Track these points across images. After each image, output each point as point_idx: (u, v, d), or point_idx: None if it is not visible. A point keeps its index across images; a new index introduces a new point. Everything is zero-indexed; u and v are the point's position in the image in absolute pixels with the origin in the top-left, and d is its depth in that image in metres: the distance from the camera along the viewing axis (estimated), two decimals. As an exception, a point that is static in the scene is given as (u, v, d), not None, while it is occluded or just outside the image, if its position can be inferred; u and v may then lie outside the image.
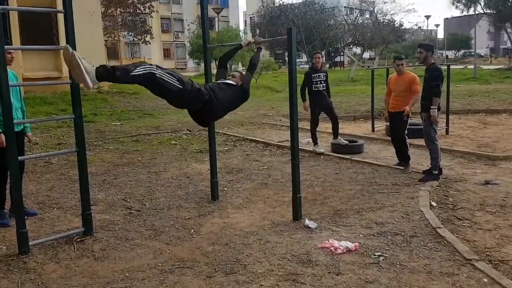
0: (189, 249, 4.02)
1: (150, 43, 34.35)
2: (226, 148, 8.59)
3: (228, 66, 4.93)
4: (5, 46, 3.76)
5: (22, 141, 4.85)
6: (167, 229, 4.53)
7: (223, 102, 4.17)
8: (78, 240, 4.23)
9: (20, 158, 4.04)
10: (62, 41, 14.53)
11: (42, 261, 3.80)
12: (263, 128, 11.18)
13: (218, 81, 4.45)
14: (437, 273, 3.45)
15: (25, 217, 4.06)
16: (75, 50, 3.45)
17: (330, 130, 8.28)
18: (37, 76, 13.85)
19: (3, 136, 4.21)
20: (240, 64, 28.82)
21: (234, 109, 4.51)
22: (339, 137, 8.09)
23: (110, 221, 4.79)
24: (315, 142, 8.11)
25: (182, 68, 49.54)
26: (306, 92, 8.05)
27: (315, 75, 7.91)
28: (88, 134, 9.36)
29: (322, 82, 7.92)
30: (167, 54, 54.41)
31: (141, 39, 31.16)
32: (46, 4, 14.64)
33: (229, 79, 4.47)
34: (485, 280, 3.30)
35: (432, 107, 5.92)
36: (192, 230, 4.49)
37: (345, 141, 8.00)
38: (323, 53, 34.22)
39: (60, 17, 14.79)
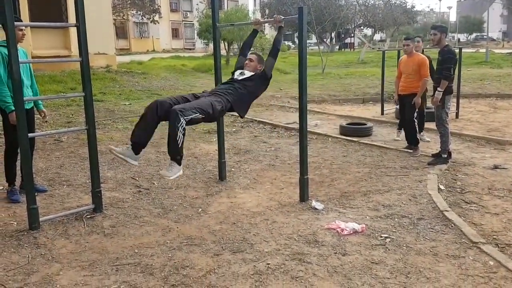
0: (197, 227, 4.07)
1: (158, 23, 34.16)
2: (234, 129, 8.59)
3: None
4: (16, 23, 3.76)
5: (33, 118, 4.89)
6: (175, 208, 4.57)
7: (245, 100, 4.25)
8: (88, 216, 4.29)
9: (30, 135, 4.08)
10: (71, 19, 14.50)
11: (52, 236, 3.87)
12: (271, 109, 11.15)
13: (236, 81, 4.30)
14: (443, 255, 3.46)
15: (35, 194, 4.12)
16: (85, 26, 3.45)
17: (339, 113, 8.17)
18: (46, 54, 13.87)
19: (14, 114, 4.24)
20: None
21: (257, 97, 4.48)
22: (423, 132, 7.38)
23: (119, 198, 4.84)
24: (399, 128, 7.61)
25: (190, 49, 49.26)
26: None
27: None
28: (98, 113, 9.39)
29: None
30: (175, 34, 54.06)
31: (150, 18, 30.98)
32: (55, -19, 14.58)
33: (246, 69, 4.39)
34: (491, 263, 3.31)
35: (438, 89, 5.85)
36: (200, 209, 4.53)
37: (427, 139, 7.41)
38: (332, 34, 33.87)
39: (69, -5, 14.74)
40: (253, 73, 4.34)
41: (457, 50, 8.69)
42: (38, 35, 14.58)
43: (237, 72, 4.42)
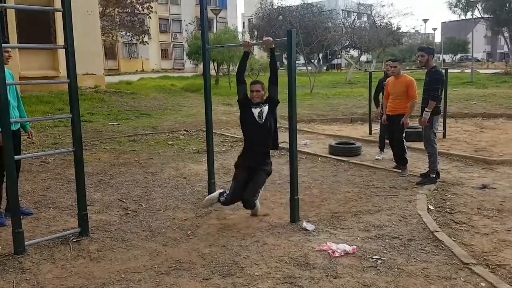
0: (186, 250, 4.00)
1: (148, 44, 34.31)
2: (224, 149, 8.57)
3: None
4: (3, 45, 3.73)
5: (19, 140, 4.82)
6: (163, 230, 4.50)
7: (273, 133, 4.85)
8: (74, 240, 4.19)
9: (16, 157, 4.01)
10: (60, 40, 14.49)
11: (38, 261, 3.77)
12: (260, 129, 11.14)
13: (263, 126, 4.67)
14: (435, 277, 3.44)
15: (21, 217, 4.03)
16: (73, 48, 3.44)
17: (328, 132, 8.19)
18: (34, 75, 13.80)
19: (0, 136, 4.17)
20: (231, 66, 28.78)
21: None
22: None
23: (106, 221, 4.75)
24: (381, 148, 7.79)
25: (180, 69, 49.48)
26: (380, 98, 7.82)
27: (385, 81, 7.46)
28: (85, 134, 9.33)
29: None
30: (165, 54, 54.36)
31: (139, 39, 31.12)
32: (44, 2, 14.61)
33: (255, 100, 4.70)
34: (483, 284, 3.29)
35: (426, 109, 5.91)
36: (189, 232, 4.46)
37: (380, 158, 7.55)
38: (320, 55, 34.38)
39: (58, 16, 14.75)
40: (267, 104, 4.67)
41: (443, 71, 8.85)
42: (26, 56, 14.52)
43: (256, 113, 4.64)
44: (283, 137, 9.49)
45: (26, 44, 13.06)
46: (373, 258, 3.76)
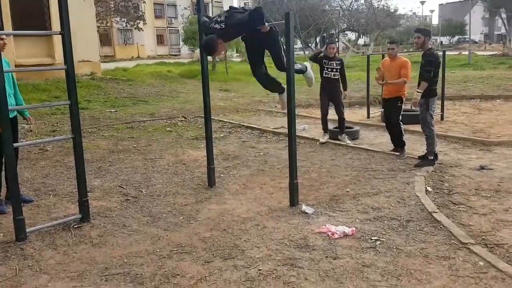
0: (187, 235, 4.03)
1: (143, 30, 33.97)
2: (222, 135, 8.57)
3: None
4: (-2, 31, 3.70)
5: (16, 127, 4.81)
6: (164, 216, 4.53)
7: None
8: (75, 226, 4.22)
9: (15, 145, 4.01)
10: (55, 26, 14.35)
11: (40, 247, 3.80)
12: (258, 114, 11.16)
13: None
14: (433, 256, 3.48)
15: (22, 204, 4.04)
16: (69, 34, 3.41)
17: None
18: (30, 63, 13.69)
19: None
20: (235, 50, 28.59)
21: None
22: (343, 134, 7.73)
23: (107, 207, 4.78)
24: (324, 131, 7.88)
25: (176, 55, 49.13)
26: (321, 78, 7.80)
27: (326, 61, 7.69)
28: (83, 121, 9.29)
29: (334, 70, 7.65)
30: (160, 40, 53.87)
31: (134, 25, 30.79)
32: (38, -11, 14.43)
33: None
34: (481, 263, 3.34)
35: (417, 90, 5.91)
36: (190, 216, 4.49)
37: (349, 141, 7.60)
38: (317, 39, 34.15)
39: (53, 3, 14.59)
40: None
41: (440, 53, 8.82)
42: (22, 44, 14.39)
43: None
44: (281, 122, 9.52)
45: (21, 31, 12.92)
46: (372, 239, 3.80)
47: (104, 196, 5.16)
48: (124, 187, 5.50)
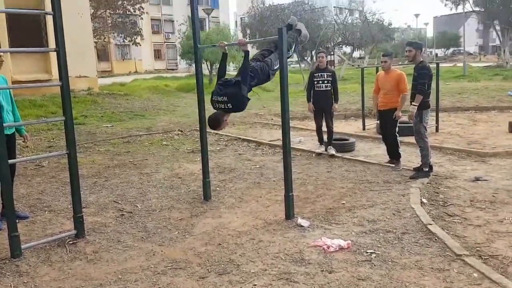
0: (182, 250, 4.02)
1: (140, 45, 34.19)
2: (218, 148, 8.59)
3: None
4: (-6, 49, 3.73)
5: (14, 144, 4.82)
6: (159, 230, 4.52)
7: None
8: (71, 242, 4.21)
9: (11, 161, 4.02)
10: (51, 43, 14.43)
11: (35, 264, 3.78)
12: (254, 127, 11.20)
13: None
14: (428, 269, 3.48)
15: (17, 221, 4.04)
16: (64, 51, 3.45)
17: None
18: (27, 79, 13.76)
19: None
20: (232, 64, 28.71)
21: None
22: (330, 146, 7.77)
23: (102, 223, 4.77)
24: (320, 142, 7.95)
25: (173, 69, 49.35)
26: (311, 93, 7.80)
27: (317, 74, 7.70)
28: (79, 136, 9.32)
29: (325, 82, 7.64)
30: (157, 55, 54.15)
31: (132, 40, 31.00)
32: (32, 5, 14.55)
33: None
34: (475, 275, 3.34)
35: (413, 103, 5.97)
36: (185, 231, 4.49)
37: (333, 152, 7.64)
38: (313, 52, 34.41)
39: (49, 19, 14.68)
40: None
41: (434, 65, 8.91)
42: (18, 60, 14.46)
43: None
44: (277, 134, 9.56)
45: (18, 48, 13.00)
46: (367, 252, 3.80)
47: (99, 212, 5.15)
48: (120, 202, 5.49)
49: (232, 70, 31.86)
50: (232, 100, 4.32)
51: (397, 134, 6.72)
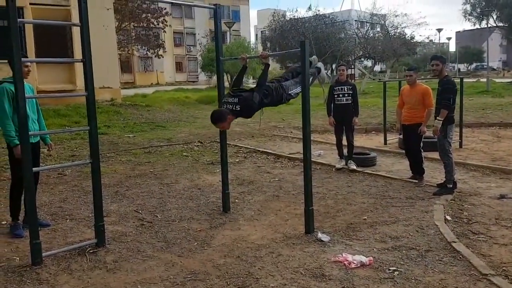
0: (201, 261, 4.01)
1: (163, 57, 34.72)
2: (237, 160, 8.59)
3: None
4: (22, 59, 3.82)
5: (38, 152, 4.91)
6: (178, 241, 4.52)
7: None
8: (91, 251, 4.23)
9: (35, 169, 4.08)
10: (77, 54, 14.77)
11: (55, 272, 3.81)
12: (273, 140, 11.17)
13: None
14: (453, 288, 3.38)
15: (39, 228, 4.08)
16: (91, 62, 3.51)
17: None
18: (52, 89, 14.07)
19: (19, 148, 4.25)
20: (251, 78, 28.93)
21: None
22: (350, 161, 7.69)
23: (122, 232, 4.79)
24: (340, 156, 7.89)
25: (193, 81, 49.91)
26: (332, 106, 7.75)
27: (337, 87, 7.66)
28: (102, 146, 9.44)
29: (346, 95, 7.59)
30: (179, 67, 54.93)
31: (154, 53, 31.53)
32: (60, 17, 14.96)
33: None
34: (503, 296, 3.23)
35: (438, 118, 5.88)
36: (204, 242, 4.47)
37: (354, 167, 7.54)
38: (333, 66, 34.38)
39: (75, 30, 15.06)
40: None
41: (458, 80, 8.77)
42: (44, 70, 14.83)
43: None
44: (296, 147, 9.51)
45: (45, 58, 13.33)
46: (390, 270, 3.72)
47: (120, 221, 5.18)
48: (140, 211, 5.52)
49: (251, 83, 32.11)
50: (241, 103, 4.35)
51: (422, 149, 6.61)
